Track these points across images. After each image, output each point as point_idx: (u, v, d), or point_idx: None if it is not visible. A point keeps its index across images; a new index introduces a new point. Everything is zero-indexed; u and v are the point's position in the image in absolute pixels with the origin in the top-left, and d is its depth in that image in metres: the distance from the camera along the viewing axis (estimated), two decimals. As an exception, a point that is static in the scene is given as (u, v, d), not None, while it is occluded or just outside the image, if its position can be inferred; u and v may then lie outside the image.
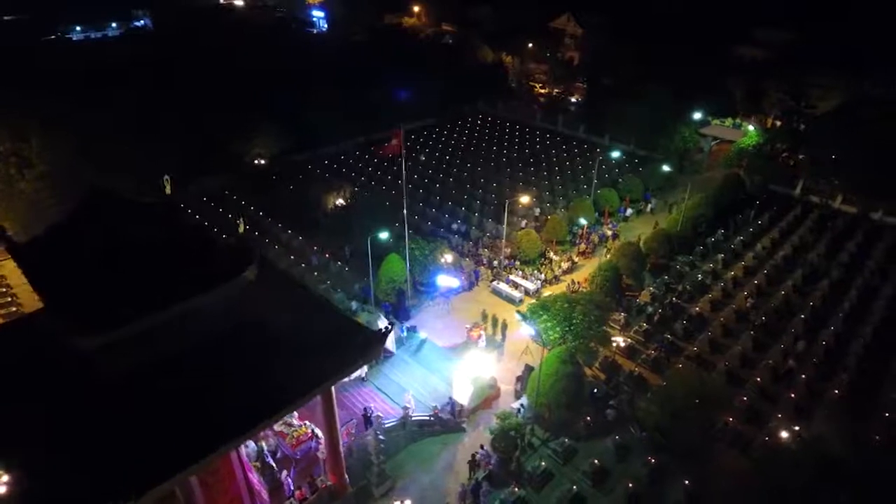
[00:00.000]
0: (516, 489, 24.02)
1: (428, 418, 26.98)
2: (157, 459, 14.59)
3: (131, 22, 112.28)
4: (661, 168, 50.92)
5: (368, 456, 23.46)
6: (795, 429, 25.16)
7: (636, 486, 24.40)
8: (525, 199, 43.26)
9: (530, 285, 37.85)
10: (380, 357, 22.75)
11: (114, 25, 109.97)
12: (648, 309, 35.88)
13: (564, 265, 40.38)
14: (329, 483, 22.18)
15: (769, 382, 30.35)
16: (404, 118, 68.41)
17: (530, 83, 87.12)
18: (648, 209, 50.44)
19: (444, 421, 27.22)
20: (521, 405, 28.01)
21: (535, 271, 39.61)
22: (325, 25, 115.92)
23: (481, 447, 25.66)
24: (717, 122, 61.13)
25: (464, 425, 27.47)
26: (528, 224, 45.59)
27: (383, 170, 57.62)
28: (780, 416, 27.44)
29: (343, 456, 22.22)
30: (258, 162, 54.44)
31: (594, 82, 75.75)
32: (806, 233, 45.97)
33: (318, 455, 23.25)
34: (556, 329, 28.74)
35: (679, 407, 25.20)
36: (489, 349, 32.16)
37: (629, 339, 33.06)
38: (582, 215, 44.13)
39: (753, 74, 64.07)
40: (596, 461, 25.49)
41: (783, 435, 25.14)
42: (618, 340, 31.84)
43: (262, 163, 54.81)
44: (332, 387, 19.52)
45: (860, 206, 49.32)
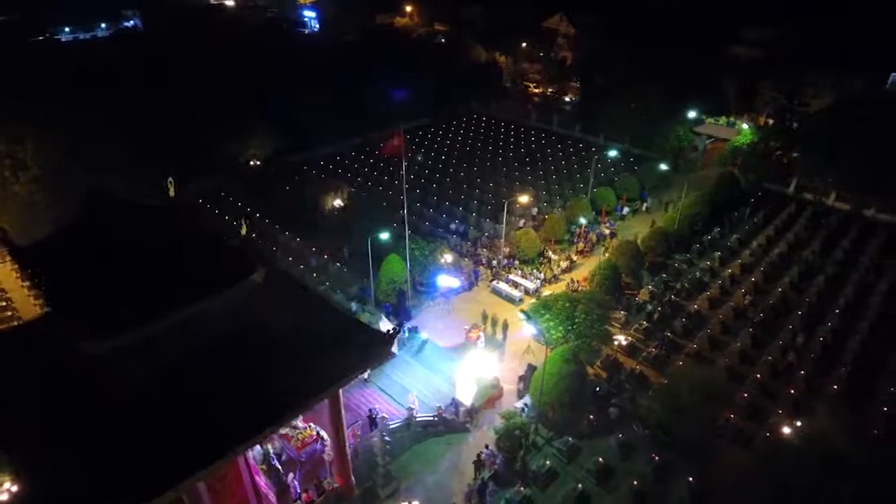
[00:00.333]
0: (522, 488, 24.07)
1: (432, 419, 26.95)
2: (164, 465, 14.44)
3: (121, 22, 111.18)
4: (658, 167, 51.19)
5: (374, 457, 23.42)
6: (798, 424, 25.35)
7: (641, 483, 24.51)
8: (524, 199, 43.31)
9: (530, 284, 37.93)
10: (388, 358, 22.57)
11: (103, 26, 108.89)
12: (648, 307, 36.08)
13: (563, 264, 40.49)
14: (336, 485, 22.09)
15: (769, 378, 30.62)
16: (398, 118, 68.23)
17: (524, 83, 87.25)
18: (644, 208, 50.69)
19: (449, 421, 27.20)
20: (524, 404, 28.07)
21: (535, 270, 39.68)
22: (317, 26, 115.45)
23: (486, 447, 25.67)
24: (711, 120, 61.53)
25: (468, 425, 27.45)
26: (526, 223, 45.66)
27: (380, 170, 57.50)
28: (781, 412, 27.67)
29: (349, 458, 22.14)
30: (253, 163, 54.11)
31: (588, 82, 76.00)
32: (801, 230, 46.41)
33: (323, 457, 23.15)
34: (559, 328, 28.82)
35: (682, 404, 25.34)
36: (490, 349, 32.17)
37: (630, 338, 33.21)
38: (580, 214, 44.27)
39: (746, 73, 64.56)
40: (600, 459, 25.61)
41: (785, 431, 25.32)
42: (619, 339, 31.95)
43: (257, 164, 54.48)
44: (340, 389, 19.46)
45: (853, 204, 49.85)
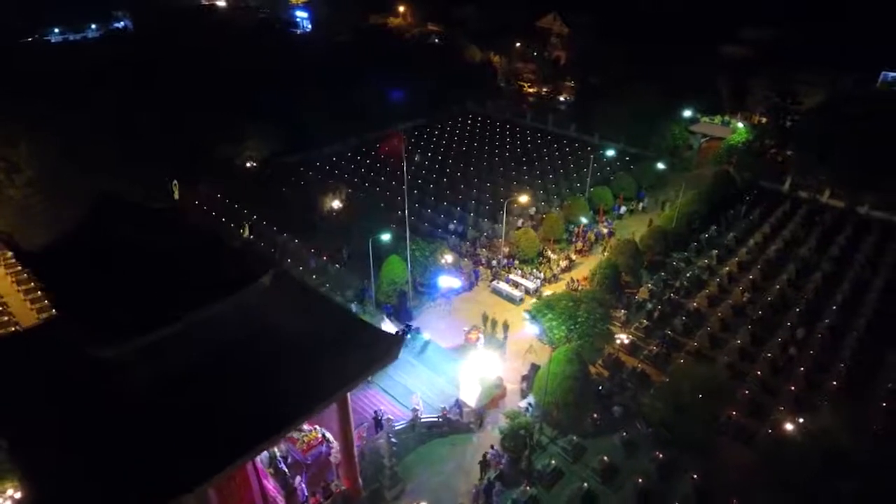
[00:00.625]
0: (528, 488, 24.10)
1: (437, 420, 26.93)
2: (175, 472, 14.32)
3: (111, 23, 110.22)
4: (656, 166, 51.45)
5: (380, 459, 23.36)
6: (800, 421, 25.56)
7: (645, 481, 24.64)
8: (524, 199, 43.40)
9: (530, 284, 38.02)
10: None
11: (93, 27, 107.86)
12: (648, 305, 36.27)
13: (562, 264, 40.61)
14: (343, 487, 22.03)
15: (769, 375, 30.85)
16: (394, 118, 68.52)
17: (519, 83, 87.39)
18: (640, 207, 50.86)
19: (453, 422, 27.20)
20: (528, 404, 28.10)
21: (535, 270, 39.76)
22: (309, 26, 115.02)
23: (491, 447, 25.69)
24: (706, 119, 61.95)
25: (472, 426, 27.46)
26: (525, 223, 45.73)
27: (377, 171, 57.38)
28: (782, 408, 27.89)
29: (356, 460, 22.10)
30: (250, 164, 53.84)
31: (583, 81, 76.24)
32: (796, 228, 46.82)
33: (329, 460, 23.08)
34: (562, 327, 28.88)
35: (684, 402, 25.49)
36: (491, 349, 32.15)
37: (631, 336, 33.35)
38: (578, 214, 44.42)
39: (739, 72, 65.02)
40: (605, 458, 25.70)
41: (788, 427, 25.51)
42: (621, 337, 32.08)
43: (254, 165, 54.22)
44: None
45: (847, 201, 50.35)
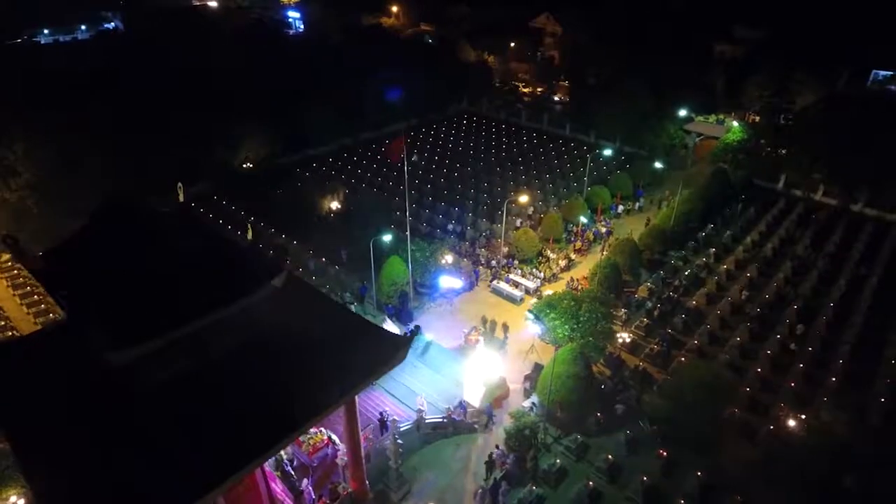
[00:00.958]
0: (534, 488, 24.18)
1: (441, 420, 26.95)
2: (185, 477, 14.18)
3: (101, 24, 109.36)
4: (654, 164, 51.73)
5: (386, 461, 23.36)
6: (802, 417, 25.80)
7: (650, 479, 24.77)
8: (524, 199, 43.52)
9: (530, 284, 38.13)
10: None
11: (83, 28, 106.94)
12: (647, 304, 36.47)
13: (562, 263, 40.74)
14: (350, 490, 21.99)
15: (769, 372, 31.12)
16: (389, 119, 68.47)
17: (514, 82, 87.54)
18: (637, 207, 51.05)
19: (457, 422, 27.22)
20: (532, 403, 28.18)
21: (534, 270, 39.86)
22: (302, 26, 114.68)
23: (497, 447, 25.75)
24: (700, 118, 62.36)
25: (478, 425, 27.50)
26: (523, 223, 45.82)
27: (374, 171, 57.35)
28: (783, 405, 28.14)
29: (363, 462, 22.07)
30: (246, 166, 53.57)
31: (577, 81, 76.45)
32: (791, 226, 47.24)
33: (336, 462, 23.04)
34: (564, 327, 28.98)
35: (686, 400, 25.65)
36: (492, 349, 32.18)
37: (632, 335, 33.52)
38: (577, 213, 44.58)
39: (733, 71, 65.50)
40: (609, 456, 25.81)
41: (791, 423, 25.75)
42: (623, 336, 32.23)
43: (250, 166, 53.95)
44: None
45: (840, 199, 50.85)
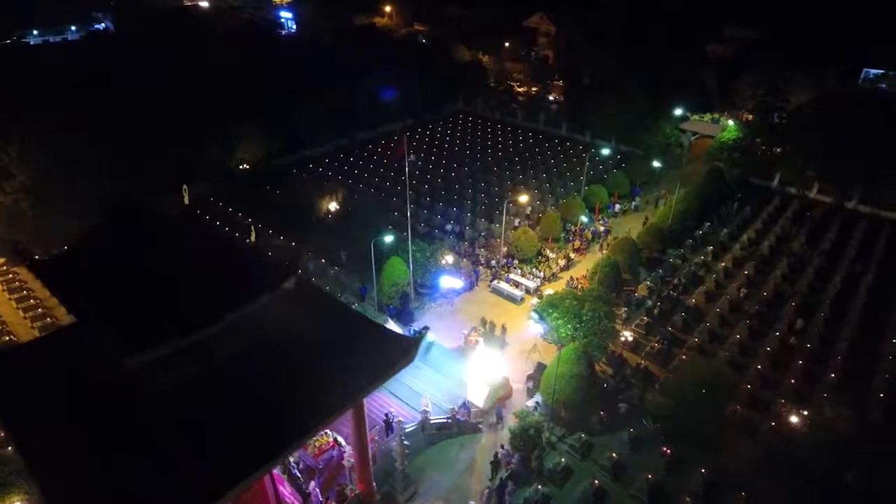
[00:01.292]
0: (539, 487, 24.23)
1: (446, 421, 26.95)
2: (197, 484, 14.03)
3: (91, 25, 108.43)
4: (651, 163, 51.99)
5: (392, 462, 23.32)
6: (804, 413, 26.02)
7: (654, 477, 24.89)
8: (524, 198, 43.60)
9: (530, 283, 38.20)
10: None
11: (73, 28, 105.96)
12: (647, 302, 36.64)
13: (561, 262, 40.86)
14: (357, 491, 21.94)
15: (768, 369, 31.36)
16: (385, 119, 68.34)
17: (509, 82, 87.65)
18: (633, 206, 51.20)
19: (461, 423, 27.23)
20: (536, 403, 28.24)
21: (534, 269, 39.94)
22: (294, 26, 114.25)
23: (501, 446, 25.80)
24: (696, 117, 62.75)
25: (480, 426, 27.54)
26: (521, 223, 45.88)
27: (370, 172, 57.23)
28: (784, 401, 28.38)
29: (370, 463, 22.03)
30: (243, 167, 53.29)
31: (572, 80, 76.63)
32: (787, 223, 47.64)
33: (342, 463, 22.99)
34: (567, 326, 29.06)
35: (689, 397, 25.82)
36: (493, 349, 32.19)
37: (632, 333, 33.65)
38: (575, 212, 44.72)
39: (726, 70, 65.91)
40: (614, 455, 25.92)
41: (793, 420, 25.96)
42: (626, 335, 32.36)
43: (246, 167, 53.68)
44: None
45: (834, 197, 51.35)
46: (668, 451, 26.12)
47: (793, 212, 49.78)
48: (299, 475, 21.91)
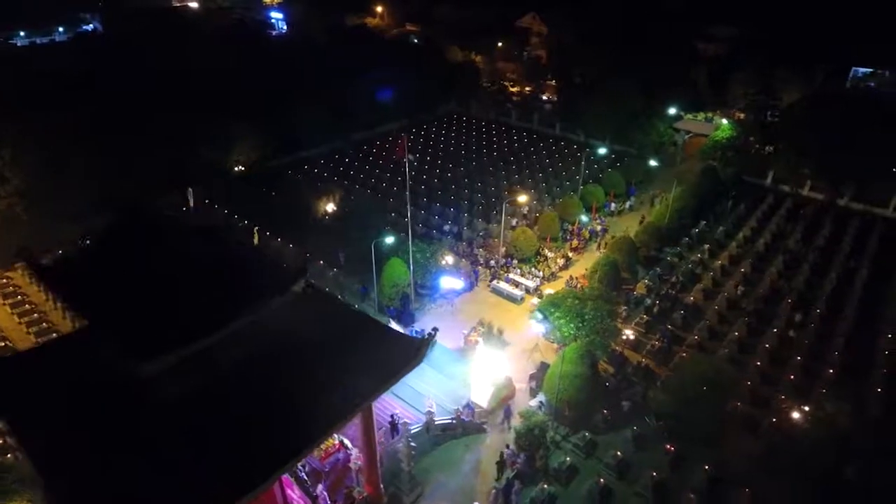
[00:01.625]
0: (546, 486, 24.30)
1: (451, 421, 26.96)
2: (212, 492, 13.87)
3: (79, 26, 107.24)
4: (647, 162, 52.27)
5: (398, 463, 23.29)
6: (805, 409, 26.28)
7: (659, 474, 25.04)
8: (523, 198, 43.70)
9: (530, 283, 38.30)
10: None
11: (61, 30, 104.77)
12: (646, 301, 36.85)
13: (560, 262, 40.99)
14: (365, 494, 21.88)
15: (767, 365, 31.65)
16: (380, 119, 68.20)
17: (502, 82, 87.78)
18: (627, 206, 51.40)
19: (466, 423, 27.25)
20: (540, 402, 28.31)
21: (533, 269, 40.04)
22: (284, 27, 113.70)
23: (507, 446, 25.83)
24: (689, 116, 63.21)
25: (485, 426, 27.57)
26: (519, 223, 45.97)
27: (365, 173, 57.12)
28: (784, 397, 28.66)
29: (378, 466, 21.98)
30: (238, 169, 52.95)
31: (565, 80, 76.84)
32: (781, 220, 48.12)
33: (349, 466, 22.92)
34: (570, 325, 29.16)
35: (690, 395, 25.99)
36: (492, 349, 32.19)
37: (633, 332, 33.83)
38: (572, 212, 44.89)
39: (717, 70, 66.45)
40: (618, 453, 26.04)
41: (793, 416, 26.20)
42: (627, 333, 32.52)
43: (242, 169, 53.35)
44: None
45: (827, 194, 51.93)
46: (672, 449, 26.29)
47: (787, 209, 50.30)
48: (306, 478, 21.81)
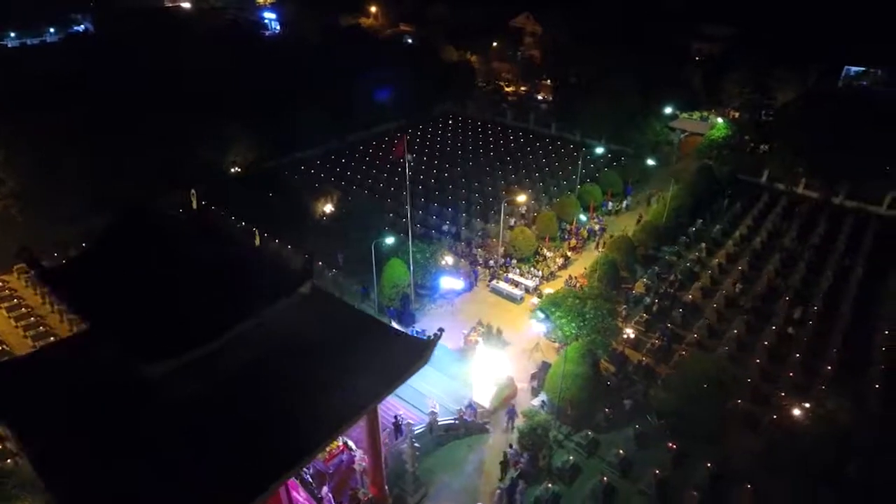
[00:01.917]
0: (550, 485, 24.33)
1: (453, 422, 26.94)
2: (217, 496, 13.81)
3: (70, 27, 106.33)
4: (644, 161, 52.45)
5: (402, 464, 23.25)
6: (806, 406, 26.44)
7: (662, 472, 25.13)
8: (522, 198, 43.73)
9: (529, 283, 38.34)
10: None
11: (52, 31, 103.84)
12: (646, 300, 36.97)
13: (559, 261, 41.07)
14: (370, 495, 21.82)
15: (766, 363, 31.84)
16: (376, 120, 68.09)
17: (497, 82, 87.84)
18: (624, 205, 51.52)
19: (468, 424, 27.24)
20: (542, 402, 28.34)
21: (532, 269, 40.08)
22: (278, 27, 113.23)
23: (510, 446, 25.84)
24: (685, 115, 63.48)
25: (488, 426, 27.58)
26: (517, 222, 46.00)
27: (363, 173, 56.98)
28: (784, 394, 28.84)
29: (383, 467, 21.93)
30: (234, 170, 52.70)
31: (560, 80, 77.03)
32: (777, 219, 48.42)
33: (353, 467, 22.84)
34: (571, 325, 29.22)
35: (692, 393, 26.11)
36: (493, 349, 32.20)
37: (633, 330, 33.94)
38: (570, 211, 44.98)
39: (712, 69, 66.80)
40: (621, 451, 26.11)
41: (794, 412, 26.36)
42: (628, 332, 32.62)
43: (238, 170, 53.11)
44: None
45: (821, 192, 52.30)
46: (674, 446, 26.40)
47: (782, 207, 50.62)
48: (311, 480, 21.72)
